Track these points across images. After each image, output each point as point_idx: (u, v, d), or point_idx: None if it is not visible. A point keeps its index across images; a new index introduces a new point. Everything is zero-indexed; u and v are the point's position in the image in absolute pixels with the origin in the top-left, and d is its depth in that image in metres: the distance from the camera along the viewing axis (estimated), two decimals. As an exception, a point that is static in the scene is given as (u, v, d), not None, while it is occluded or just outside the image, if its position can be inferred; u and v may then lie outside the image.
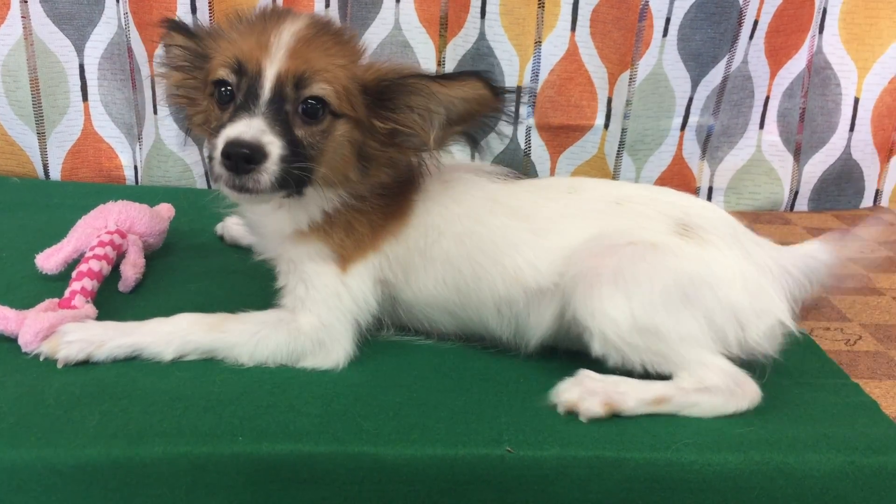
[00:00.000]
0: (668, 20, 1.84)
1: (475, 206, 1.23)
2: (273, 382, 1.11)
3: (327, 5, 1.82)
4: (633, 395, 1.08)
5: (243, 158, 1.04)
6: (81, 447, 0.96)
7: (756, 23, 1.89)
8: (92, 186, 1.90)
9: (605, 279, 1.10)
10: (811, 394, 1.16)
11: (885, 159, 2.08)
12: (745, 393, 1.09)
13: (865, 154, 2.06)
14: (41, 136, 1.93)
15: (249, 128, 1.05)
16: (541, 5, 1.88)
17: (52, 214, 1.66)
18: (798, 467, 1.01)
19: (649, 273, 1.10)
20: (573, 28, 1.90)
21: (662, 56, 1.88)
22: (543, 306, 1.18)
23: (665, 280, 1.10)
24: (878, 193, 2.11)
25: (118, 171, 2.01)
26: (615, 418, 1.07)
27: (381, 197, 1.20)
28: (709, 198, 2.09)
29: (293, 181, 1.08)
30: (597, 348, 1.11)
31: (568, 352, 1.21)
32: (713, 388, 1.08)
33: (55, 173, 1.97)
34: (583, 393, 1.07)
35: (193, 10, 1.77)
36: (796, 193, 2.09)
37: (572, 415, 1.07)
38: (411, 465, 0.99)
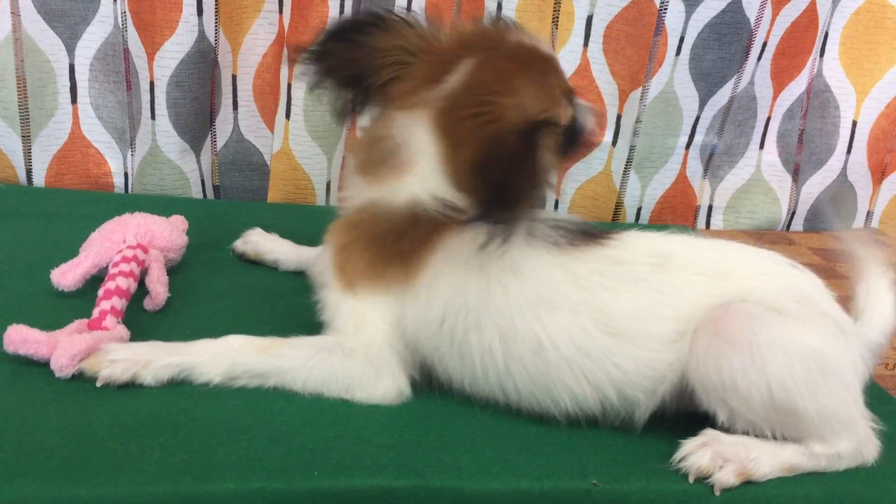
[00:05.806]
0: (681, 39, 1.84)
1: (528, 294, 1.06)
2: (334, 412, 1.05)
3: (342, 10, 1.76)
4: (766, 462, 1.00)
5: None
6: (145, 484, 0.89)
7: (765, 44, 1.91)
8: (85, 194, 1.79)
9: (736, 346, 0.99)
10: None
11: (877, 181, 2.13)
12: (869, 451, 1.06)
13: (860, 176, 2.10)
14: (26, 139, 1.81)
15: None
16: (554, 21, 1.86)
17: (49, 224, 1.55)
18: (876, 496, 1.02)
19: (783, 344, 1.00)
20: (586, 44, 1.88)
21: (674, 74, 1.88)
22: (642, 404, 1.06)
23: (801, 353, 1.00)
24: (869, 215, 2.16)
25: (106, 177, 1.89)
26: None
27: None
28: (708, 216, 2.10)
29: None
30: (723, 418, 1.02)
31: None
32: (844, 454, 1.04)
33: (39, 179, 1.85)
34: (714, 458, 0.98)
35: (200, 11, 1.69)
36: (793, 213, 2.11)
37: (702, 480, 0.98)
38: (496, 500, 0.94)
